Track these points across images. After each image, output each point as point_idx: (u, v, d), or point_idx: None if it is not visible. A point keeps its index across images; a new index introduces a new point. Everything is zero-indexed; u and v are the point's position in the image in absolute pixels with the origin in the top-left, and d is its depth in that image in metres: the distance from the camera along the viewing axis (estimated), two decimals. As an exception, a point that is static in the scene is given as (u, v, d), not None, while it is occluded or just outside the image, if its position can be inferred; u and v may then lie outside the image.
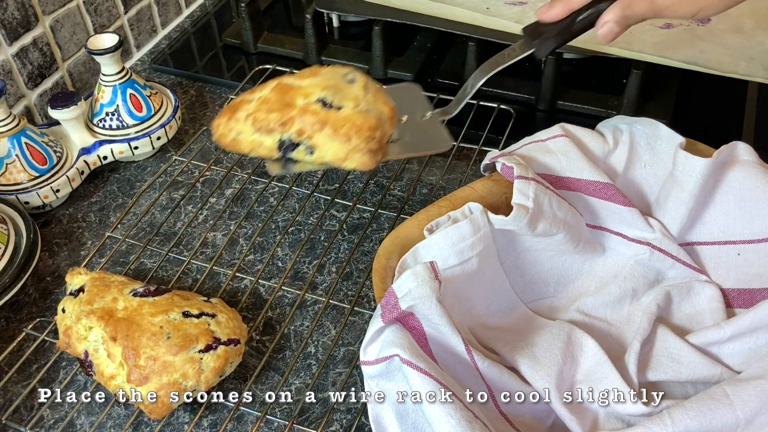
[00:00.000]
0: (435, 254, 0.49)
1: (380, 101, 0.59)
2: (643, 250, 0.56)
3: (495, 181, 0.58)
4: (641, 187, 0.59)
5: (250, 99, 0.58)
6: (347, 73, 0.60)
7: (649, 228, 0.56)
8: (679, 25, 0.72)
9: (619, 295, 0.55)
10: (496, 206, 0.56)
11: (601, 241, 0.58)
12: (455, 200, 0.56)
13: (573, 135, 0.59)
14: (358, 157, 0.56)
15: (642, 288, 0.55)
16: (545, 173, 0.57)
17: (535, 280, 0.56)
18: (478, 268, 0.51)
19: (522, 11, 0.75)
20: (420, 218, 0.55)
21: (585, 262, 0.57)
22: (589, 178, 0.56)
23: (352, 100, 0.57)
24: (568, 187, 0.57)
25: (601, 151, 0.58)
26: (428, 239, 0.50)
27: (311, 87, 0.57)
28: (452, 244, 0.49)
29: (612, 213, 0.56)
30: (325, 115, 0.56)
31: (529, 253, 0.56)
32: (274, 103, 0.57)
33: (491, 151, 0.59)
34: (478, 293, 0.53)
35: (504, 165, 0.54)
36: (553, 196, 0.53)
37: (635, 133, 0.58)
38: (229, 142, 0.58)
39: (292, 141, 0.56)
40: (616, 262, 0.57)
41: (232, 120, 0.58)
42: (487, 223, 0.51)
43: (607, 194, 0.56)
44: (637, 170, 0.58)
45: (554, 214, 0.53)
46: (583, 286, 0.57)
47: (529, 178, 0.52)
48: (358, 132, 0.55)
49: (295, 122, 0.56)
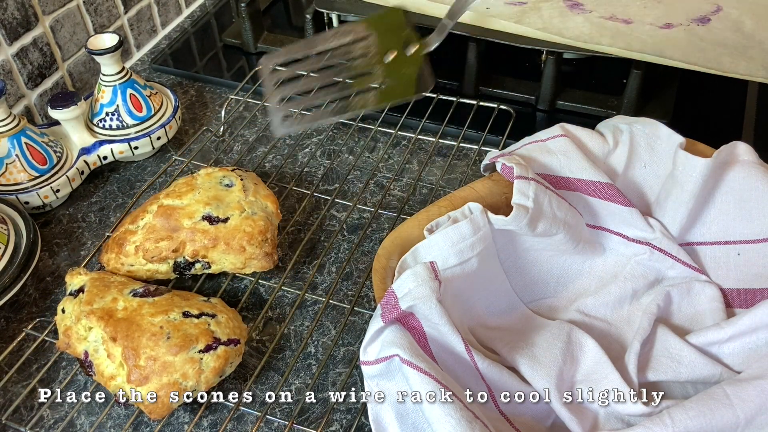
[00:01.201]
0: (435, 254, 0.49)
1: (261, 196, 0.61)
2: (643, 250, 0.56)
3: (495, 181, 0.58)
4: (641, 187, 0.59)
5: (134, 229, 0.58)
6: (222, 178, 0.61)
7: (649, 228, 0.56)
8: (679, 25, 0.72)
9: (619, 295, 0.55)
10: (496, 206, 0.56)
11: (601, 241, 0.58)
12: (455, 200, 0.56)
13: (573, 135, 0.59)
14: (255, 263, 0.58)
15: (642, 288, 0.55)
16: (545, 173, 0.57)
17: (535, 280, 0.56)
18: (478, 268, 0.51)
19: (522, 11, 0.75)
20: (420, 218, 0.55)
21: (585, 262, 0.57)
22: (589, 178, 0.56)
23: (236, 208, 0.58)
24: (568, 187, 0.57)
25: (601, 151, 0.58)
26: (428, 239, 0.50)
27: (193, 205, 0.58)
28: (452, 244, 0.49)
29: (612, 213, 0.56)
30: (214, 232, 0.57)
31: (529, 253, 0.56)
32: (161, 231, 0.57)
33: (491, 151, 0.58)
34: (478, 293, 0.53)
35: (504, 165, 0.54)
36: (553, 196, 0.53)
37: (635, 133, 0.58)
38: (125, 272, 0.58)
39: (188, 261, 0.58)
40: (616, 262, 0.57)
41: (121, 255, 0.58)
42: (487, 223, 0.51)
43: (607, 194, 0.56)
44: (637, 170, 0.58)
45: (554, 214, 0.53)
46: (583, 286, 0.57)
47: (529, 178, 0.52)
48: (250, 241, 0.57)
49: (187, 246, 0.57)
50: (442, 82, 0.79)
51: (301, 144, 0.74)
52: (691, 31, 0.71)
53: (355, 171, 0.71)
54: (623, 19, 0.73)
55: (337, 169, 0.72)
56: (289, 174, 0.71)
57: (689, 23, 0.73)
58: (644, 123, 0.58)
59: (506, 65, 0.81)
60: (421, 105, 0.74)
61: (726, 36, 0.70)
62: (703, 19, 0.73)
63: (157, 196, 0.60)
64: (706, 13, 0.74)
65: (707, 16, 0.74)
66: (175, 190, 0.60)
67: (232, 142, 0.75)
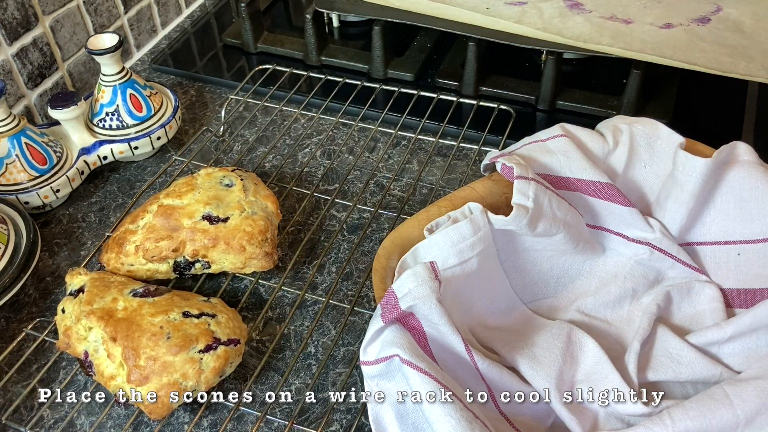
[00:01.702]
0: (435, 254, 0.49)
1: (261, 196, 0.61)
2: (643, 250, 0.56)
3: (495, 181, 0.58)
4: (641, 187, 0.58)
5: (134, 229, 0.58)
6: (222, 178, 0.61)
7: (649, 228, 0.55)
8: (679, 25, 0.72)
9: (619, 295, 0.55)
10: (496, 206, 0.56)
11: (601, 241, 0.58)
12: (455, 200, 0.56)
13: (573, 135, 0.59)
14: (255, 263, 0.58)
15: (642, 288, 0.55)
16: (545, 173, 0.57)
17: (535, 280, 0.56)
18: (478, 268, 0.51)
19: (522, 11, 0.75)
20: (420, 218, 0.55)
21: (585, 262, 0.57)
22: (589, 178, 0.56)
23: (236, 208, 0.58)
24: (568, 187, 0.57)
25: (601, 151, 0.58)
26: (428, 239, 0.50)
27: (193, 205, 0.58)
28: (452, 244, 0.49)
29: (612, 213, 0.56)
30: (214, 231, 0.57)
31: (529, 253, 0.56)
32: (161, 230, 0.57)
33: (491, 151, 0.58)
34: (478, 293, 0.53)
35: (504, 165, 0.54)
36: (553, 196, 0.53)
37: (635, 133, 0.58)
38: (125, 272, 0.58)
39: (188, 261, 0.57)
40: (616, 262, 0.57)
41: (121, 254, 0.58)
42: (487, 223, 0.51)
43: (607, 194, 0.56)
44: (637, 170, 0.58)
45: (554, 214, 0.53)
46: (583, 286, 0.57)
47: (529, 178, 0.52)
48: (250, 240, 0.57)
49: (187, 245, 0.57)
50: (442, 82, 0.79)
51: (301, 144, 0.74)
52: (691, 31, 0.71)
53: (355, 171, 0.71)
54: (623, 19, 0.73)
55: (337, 169, 0.72)
56: (289, 174, 0.71)
57: (689, 23, 0.73)
58: (644, 123, 0.58)
59: (506, 65, 0.81)
60: (421, 105, 0.74)
61: (726, 36, 0.71)
62: (703, 19, 0.73)
63: (157, 196, 0.60)
64: (706, 13, 0.74)
65: (707, 16, 0.74)
66: (175, 190, 0.60)
67: (232, 142, 0.75)
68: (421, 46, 0.84)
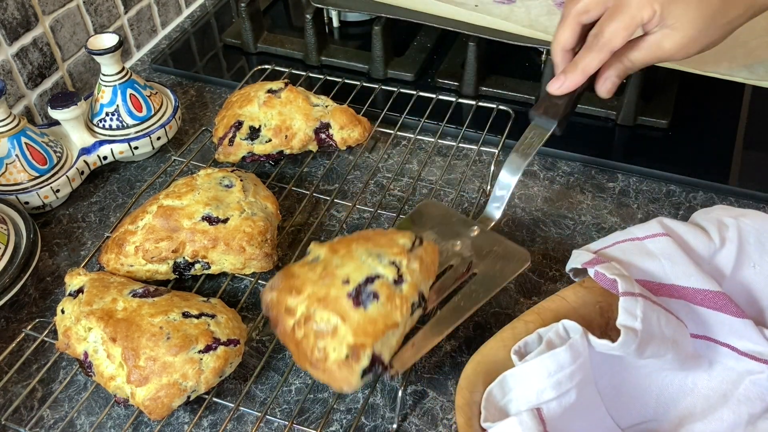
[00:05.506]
0: (528, 386, 0.43)
1: (261, 197, 0.61)
2: (760, 368, 0.49)
3: (587, 288, 0.52)
4: (751, 290, 0.52)
5: (134, 229, 0.58)
6: (222, 178, 0.61)
7: (765, 341, 0.49)
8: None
9: (732, 421, 0.48)
10: (588, 318, 0.50)
11: (707, 354, 0.51)
12: (543, 313, 0.50)
13: (674, 232, 0.53)
14: (255, 264, 0.58)
15: (759, 413, 0.48)
16: (646, 279, 0.51)
17: (633, 400, 0.50)
18: (576, 399, 0.45)
19: (510, 9, 0.75)
20: (504, 336, 0.49)
21: (687, 377, 0.50)
22: (697, 286, 0.50)
23: (235, 209, 0.58)
24: (672, 294, 0.51)
25: (706, 250, 0.52)
26: (519, 367, 0.44)
27: (193, 206, 0.58)
28: (549, 375, 0.43)
29: (721, 323, 0.50)
30: (214, 232, 0.57)
31: (626, 370, 0.50)
32: (161, 231, 0.57)
33: (578, 253, 0.53)
34: (573, 425, 0.46)
35: (598, 272, 0.49)
36: (661, 312, 0.47)
37: (743, 229, 0.52)
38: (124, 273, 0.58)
39: (188, 261, 0.58)
40: (724, 378, 0.50)
41: (121, 255, 0.58)
42: (587, 347, 0.45)
43: (718, 304, 0.49)
44: (745, 271, 0.52)
45: (662, 333, 0.47)
46: (687, 408, 0.50)
47: (636, 294, 0.47)
48: (250, 241, 0.57)
49: (187, 246, 0.57)
50: (441, 82, 0.79)
51: (301, 144, 0.74)
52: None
53: (355, 171, 0.71)
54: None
55: (337, 169, 0.72)
56: (288, 174, 0.71)
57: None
58: (752, 216, 0.53)
59: (506, 65, 0.81)
60: (421, 105, 0.74)
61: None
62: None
63: (157, 197, 0.60)
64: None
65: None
66: (174, 191, 0.60)
67: (232, 142, 0.75)
68: (420, 46, 0.84)
